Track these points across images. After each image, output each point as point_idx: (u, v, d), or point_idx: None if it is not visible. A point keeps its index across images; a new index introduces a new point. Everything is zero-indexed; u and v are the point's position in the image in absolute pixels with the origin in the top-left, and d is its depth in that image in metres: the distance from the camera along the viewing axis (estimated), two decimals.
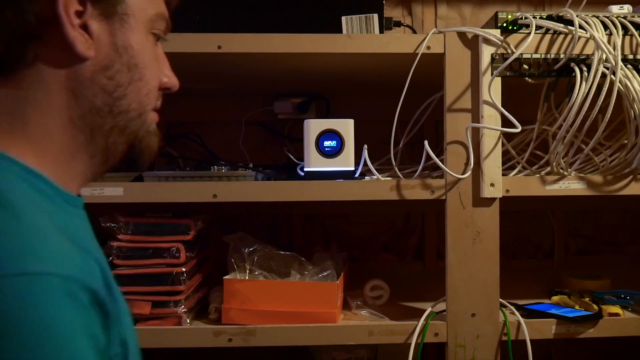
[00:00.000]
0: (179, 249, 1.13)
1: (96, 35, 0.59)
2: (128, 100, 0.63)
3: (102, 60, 0.60)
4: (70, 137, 0.60)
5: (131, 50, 0.62)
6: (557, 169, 1.12)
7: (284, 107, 1.50)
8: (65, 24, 0.56)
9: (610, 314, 1.14)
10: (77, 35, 0.57)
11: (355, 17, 1.14)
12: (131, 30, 0.62)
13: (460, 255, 1.10)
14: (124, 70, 0.61)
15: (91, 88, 0.60)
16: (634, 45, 1.09)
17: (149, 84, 0.65)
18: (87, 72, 0.59)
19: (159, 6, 0.66)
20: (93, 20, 0.58)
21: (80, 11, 0.57)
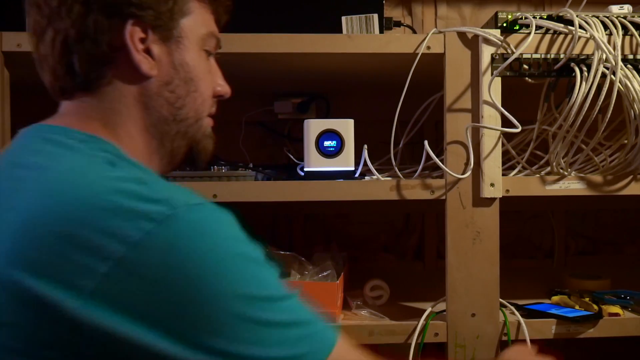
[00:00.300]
0: None
1: (157, 57, 0.70)
2: (187, 109, 0.74)
3: (164, 77, 0.71)
4: (147, 142, 0.72)
5: (187, 67, 0.73)
6: (557, 169, 1.12)
7: (284, 107, 1.50)
8: (132, 50, 0.68)
9: (610, 314, 1.14)
10: (142, 58, 0.69)
11: (355, 17, 1.14)
12: (185, 50, 0.72)
13: (460, 255, 1.10)
14: (182, 84, 0.72)
15: (158, 100, 0.71)
16: (634, 45, 1.09)
17: (203, 94, 0.76)
18: (154, 88, 0.71)
19: (209, 26, 0.76)
20: (154, 45, 0.70)
21: (143, 38, 0.69)
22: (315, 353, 0.60)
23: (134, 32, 0.68)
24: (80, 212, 0.55)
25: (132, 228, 0.54)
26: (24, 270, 0.54)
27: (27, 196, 0.58)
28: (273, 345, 0.57)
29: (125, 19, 0.67)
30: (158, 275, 0.54)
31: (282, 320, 0.59)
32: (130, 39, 0.67)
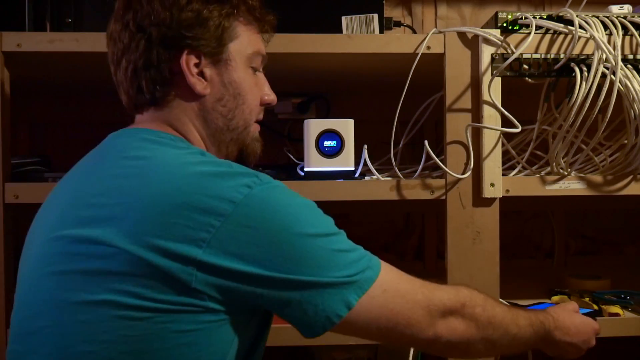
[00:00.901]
0: None
1: (209, 78, 0.84)
2: (237, 120, 0.87)
3: (216, 94, 0.84)
4: (207, 149, 0.86)
5: (234, 84, 0.85)
6: (557, 169, 1.13)
7: (284, 107, 1.50)
8: (187, 74, 0.81)
9: (610, 314, 1.14)
10: (196, 80, 0.82)
11: (355, 17, 1.14)
12: (233, 69, 0.85)
13: (460, 255, 1.10)
14: (232, 99, 0.85)
15: (213, 114, 0.85)
16: (634, 45, 1.09)
17: (250, 105, 0.88)
18: (209, 104, 0.84)
19: (254, 46, 0.88)
20: (206, 68, 0.83)
21: (197, 63, 0.82)
22: (372, 267, 0.77)
23: (189, 59, 0.81)
24: (193, 185, 0.70)
25: (235, 192, 0.70)
26: (155, 237, 0.67)
27: (143, 180, 0.72)
28: (345, 266, 0.73)
29: (181, 50, 0.81)
30: (258, 224, 0.70)
31: (345, 248, 0.76)
32: (185, 65, 0.81)
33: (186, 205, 0.68)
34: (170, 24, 0.80)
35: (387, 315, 0.76)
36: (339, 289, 0.73)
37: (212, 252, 0.68)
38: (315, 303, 0.72)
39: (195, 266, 0.68)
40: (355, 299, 0.73)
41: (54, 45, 1.05)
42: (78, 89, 1.44)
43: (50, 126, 1.54)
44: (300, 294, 0.71)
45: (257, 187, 0.71)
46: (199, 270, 0.68)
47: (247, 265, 0.69)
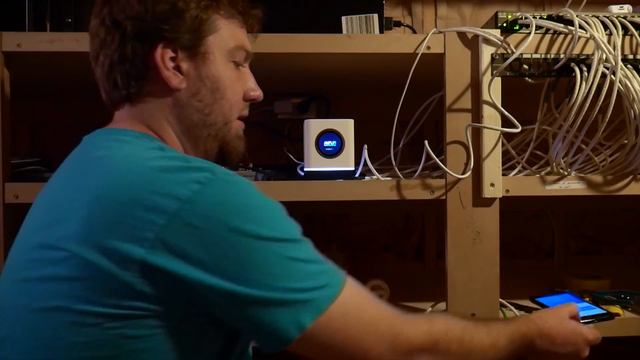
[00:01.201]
0: None
1: (186, 72, 0.81)
2: (215, 115, 0.83)
3: (192, 89, 0.81)
4: (183, 144, 0.83)
5: (212, 78, 0.82)
6: (557, 169, 1.12)
7: (284, 107, 1.50)
8: (161, 68, 0.79)
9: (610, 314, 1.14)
10: (171, 74, 0.80)
11: (355, 17, 1.14)
12: (212, 63, 0.82)
13: (460, 255, 1.10)
14: (209, 93, 0.82)
15: (188, 109, 0.82)
16: (634, 45, 1.09)
17: (230, 101, 0.85)
18: (184, 98, 0.81)
19: (237, 40, 0.85)
20: (183, 62, 0.80)
21: (173, 57, 0.80)
22: (332, 285, 0.70)
23: (164, 53, 0.79)
24: (140, 182, 0.67)
25: (183, 189, 0.66)
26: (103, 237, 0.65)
27: (94, 178, 0.70)
28: (300, 278, 0.68)
29: (155, 43, 0.79)
30: (206, 224, 0.65)
31: (305, 258, 0.70)
32: (160, 59, 0.79)
33: (133, 202, 0.66)
34: (145, 17, 0.78)
35: (343, 342, 0.69)
36: (292, 308, 0.66)
37: (156, 252, 0.64)
38: (265, 322, 0.66)
39: (139, 267, 0.64)
40: (309, 320, 0.67)
41: (54, 45, 1.05)
42: (78, 89, 1.44)
43: (50, 126, 1.54)
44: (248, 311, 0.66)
45: (209, 183, 0.67)
46: (142, 272, 0.64)
47: (191, 268, 0.65)
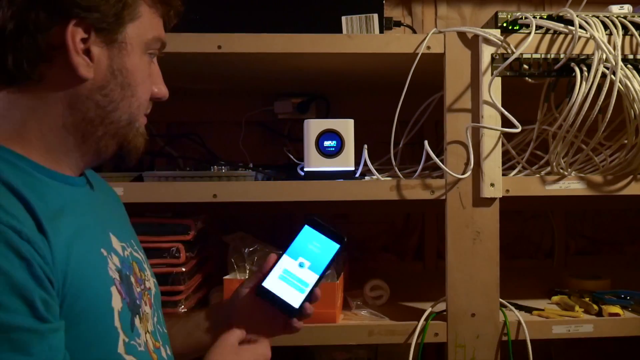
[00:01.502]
0: (179, 249, 1.13)
1: (96, 59, 0.69)
2: (119, 113, 0.72)
3: (99, 81, 0.70)
4: (62, 140, 0.71)
5: (125, 72, 0.71)
6: (557, 169, 1.12)
7: (284, 107, 1.50)
8: (71, 50, 0.66)
9: (610, 314, 1.14)
10: (80, 60, 0.67)
11: (355, 17, 1.14)
12: (127, 55, 0.71)
13: (460, 255, 1.10)
14: (118, 89, 0.71)
15: (86, 103, 0.70)
16: (634, 45, 1.09)
17: (140, 98, 0.74)
18: (85, 90, 0.69)
19: (156, 30, 0.75)
20: (95, 46, 0.68)
21: (85, 38, 0.67)
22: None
23: (75, 32, 0.66)
24: None
25: None
26: None
27: None
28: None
29: (68, 18, 0.66)
30: None
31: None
32: (71, 39, 0.66)
33: None
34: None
35: None
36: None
37: None
38: None
39: None
40: None
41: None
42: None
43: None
44: None
45: None
46: None
47: None
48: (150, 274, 0.87)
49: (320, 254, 0.90)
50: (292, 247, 0.90)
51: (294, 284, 0.88)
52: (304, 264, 0.89)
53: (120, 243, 0.78)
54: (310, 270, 0.88)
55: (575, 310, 1.16)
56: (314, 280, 0.88)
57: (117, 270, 0.73)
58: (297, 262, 0.89)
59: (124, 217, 0.91)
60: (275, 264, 0.89)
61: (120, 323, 0.69)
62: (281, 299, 0.86)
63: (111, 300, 0.69)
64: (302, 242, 0.90)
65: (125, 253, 0.78)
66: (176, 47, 1.04)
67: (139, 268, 0.81)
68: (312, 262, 0.89)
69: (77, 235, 0.67)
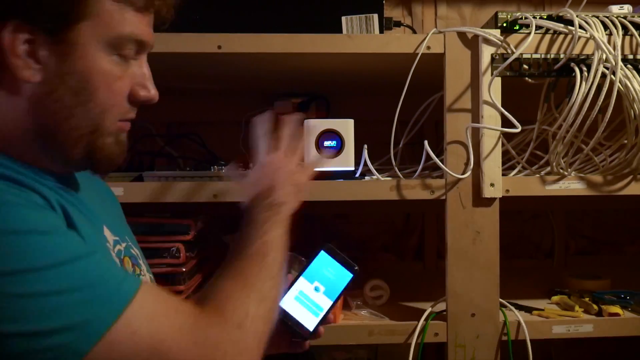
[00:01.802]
0: (179, 249, 1.13)
1: (44, 62, 0.63)
2: (76, 120, 0.66)
3: (46, 86, 0.64)
4: (29, 145, 0.67)
5: (78, 76, 0.65)
6: (557, 169, 1.12)
7: (284, 107, 1.50)
8: (7, 53, 0.61)
9: (610, 314, 1.14)
10: (20, 63, 0.62)
11: (355, 17, 1.14)
12: (80, 57, 0.65)
13: (460, 255, 1.10)
14: (68, 94, 0.65)
15: (39, 109, 0.65)
16: (634, 45, 1.09)
17: (102, 104, 0.67)
18: (34, 95, 0.64)
19: (125, 27, 0.67)
20: (42, 48, 0.63)
21: (30, 39, 0.62)
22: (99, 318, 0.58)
23: (15, 35, 0.61)
24: None
25: None
26: None
27: None
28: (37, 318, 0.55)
29: (5, 17, 0.61)
30: None
31: (50, 290, 0.57)
32: (9, 42, 0.61)
33: None
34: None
35: None
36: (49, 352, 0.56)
37: None
38: None
39: None
40: None
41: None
42: None
43: None
44: None
45: None
46: None
47: None
48: (147, 270, 0.86)
49: (334, 280, 0.91)
50: (309, 270, 0.91)
51: (309, 307, 0.88)
52: (319, 289, 0.90)
53: (113, 237, 0.77)
54: (325, 295, 0.90)
55: (575, 310, 1.16)
56: (328, 305, 0.89)
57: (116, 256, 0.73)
58: (312, 285, 0.90)
59: (119, 215, 0.90)
60: (292, 284, 0.89)
61: None
62: (296, 320, 0.87)
63: None
64: (318, 267, 0.92)
65: (117, 248, 0.77)
66: (176, 47, 1.04)
67: (133, 262, 0.80)
68: (327, 288, 0.90)
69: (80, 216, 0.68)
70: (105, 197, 0.89)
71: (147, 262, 0.88)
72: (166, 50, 1.04)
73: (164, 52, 1.04)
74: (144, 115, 0.80)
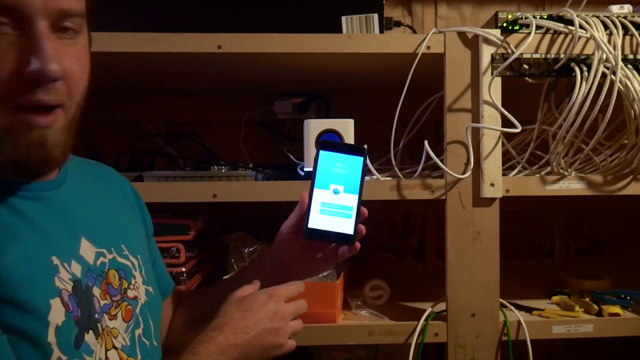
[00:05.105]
0: (179, 249, 1.13)
1: None
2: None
3: None
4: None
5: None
6: (557, 169, 1.12)
7: (284, 107, 1.50)
8: None
9: (610, 314, 1.14)
10: None
11: (355, 17, 1.14)
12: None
13: (460, 255, 1.10)
14: None
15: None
16: (634, 45, 1.09)
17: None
18: None
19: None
20: None
21: None
22: None
23: None
24: None
25: None
26: None
27: None
28: None
29: None
30: None
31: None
32: None
33: None
34: None
35: None
36: None
37: None
38: None
39: None
40: None
41: None
42: None
43: None
44: None
45: None
46: None
47: None
48: (142, 282, 0.81)
49: (348, 173, 0.86)
50: (318, 177, 0.86)
51: (338, 213, 0.85)
52: (338, 190, 0.85)
53: (95, 249, 0.73)
54: (347, 193, 0.85)
55: (575, 310, 1.16)
56: (355, 201, 0.85)
57: (72, 280, 0.68)
58: (330, 190, 0.85)
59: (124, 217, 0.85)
60: (310, 202, 0.85)
61: (55, 339, 0.63)
62: (335, 233, 0.84)
63: (48, 314, 0.63)
64: (325, 169, 0.86)
65: (99, 260, 0.73)
66: (176, 47, 1.04)
67: (120, 276, 0.76)
68: (345, 185, 0.86)
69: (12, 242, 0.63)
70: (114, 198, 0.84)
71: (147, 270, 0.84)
72: (166, 50, 1.04)
73: (164, 52, 1.04)
74: (144, 115, 0.81)
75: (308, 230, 0.84)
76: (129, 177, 1.14)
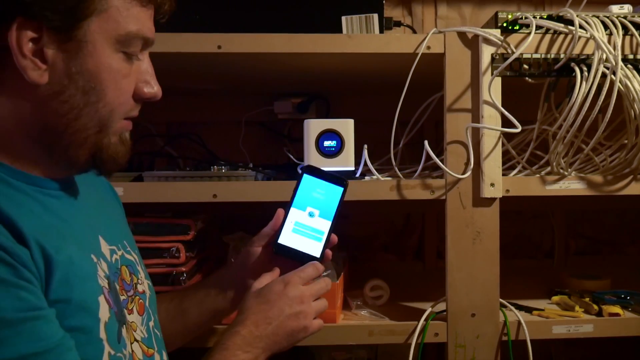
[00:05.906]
0: (179, 249, 1.13)
1: (51, 62, 0.62)
2: (84, 120, 0.65)
3: (55, 86, 0.63)
4: (29, 148, 0.66)
5: (87, 75, 0.64)
6: (557, 169, 1.12)
7: (284, 107, 1.50)
8: (16, 53, 0.60)
9: (610, 314, 1.14)
10: (28, 63, 0.61)
11: (355, 17, 1.14)
12: (89, 55, 0.63)
13: (460, 255, 1.10)
14: (79, 94, 0.64)
15: (44, 111, 0.64)
16: (634, 45, 1.09)
17: (111, 103, 0.67)
18: (41, 97, 0.63)
19: (133, 24, 0.66)
20: (48, 47, 0.61)
21: (35, 38, 0.60)
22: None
23: (21, 33, 0.59)
24: None
25: None
26: None
27: None
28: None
29: (11, 17, 0.59)
30: None
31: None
32: (15, 40, 0.59)
33: None
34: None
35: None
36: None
37: None
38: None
39: None
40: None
41: None
42: None
43: None
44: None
45: None
46: None
47: None
48: (145, 276, 0.84)
49: (326, 200, 0.89)
50: (297, 198, 0.89)
51: (309, 235, 0.87)
52: (314, 213, 0.88)
53: (109, 247, 0.75)
54: (322, 218, 0.88)
55: (575, 310, 1.16)
56: (327, 227, 0.88)
57: (105, 277, 0.70)
58: (306, 212, 0.88)
59: (117, 215, 0.88)
60: (285, 219, 0.88)
61: (106, 335, 0.66)
62: (302, 252, 0.86)
63: (98, 311, 0.66)
64: (305, 192, 0.90)
65: (114, 257, 0.75)
66: (176, 47, 1.04)
67: (130, 271, 0.79)
68: (321, 210, 0.89)
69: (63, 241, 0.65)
70: (104, 197, 0.87)
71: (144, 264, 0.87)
72: (166, 50, 1.04)
73: (164, 52, 1.04)
74: (144, 115, 0.81)
75: (277, 245, 0.88)
76: (129, 177, 1.14)
